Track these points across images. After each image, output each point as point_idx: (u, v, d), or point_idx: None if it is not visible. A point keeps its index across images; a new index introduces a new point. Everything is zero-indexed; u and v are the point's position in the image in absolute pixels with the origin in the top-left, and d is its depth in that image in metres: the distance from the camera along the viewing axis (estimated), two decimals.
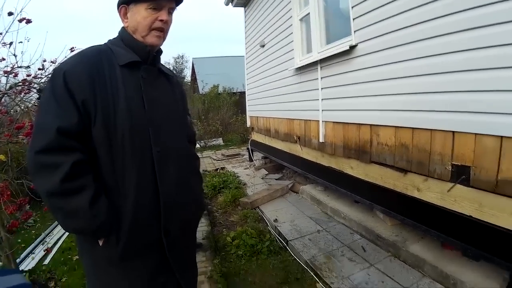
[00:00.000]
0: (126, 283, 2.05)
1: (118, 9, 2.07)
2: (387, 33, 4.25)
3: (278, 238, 5.42)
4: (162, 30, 2.08)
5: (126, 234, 1.93)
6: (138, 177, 1.94)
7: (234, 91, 23.81)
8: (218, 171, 10.27)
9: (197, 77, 31.93)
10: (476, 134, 3.29)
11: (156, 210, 2.02)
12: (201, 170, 7.89)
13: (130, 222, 1.93)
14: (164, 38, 2.14)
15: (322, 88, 5.83)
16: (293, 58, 6.81)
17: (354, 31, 4.86)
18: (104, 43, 2.11)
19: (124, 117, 1.90)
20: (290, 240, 5.17)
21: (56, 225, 6.31)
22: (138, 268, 2.05)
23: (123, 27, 2.13)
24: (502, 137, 3.05)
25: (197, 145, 16.26)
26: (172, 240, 2.12)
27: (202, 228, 5.78)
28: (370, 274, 4.16)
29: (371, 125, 4.73)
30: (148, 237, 2.03)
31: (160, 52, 2.22)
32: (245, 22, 10.38)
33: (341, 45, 5.16)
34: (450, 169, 3.60)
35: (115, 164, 1.91)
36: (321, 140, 5.99)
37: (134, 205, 1.93)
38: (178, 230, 2.16)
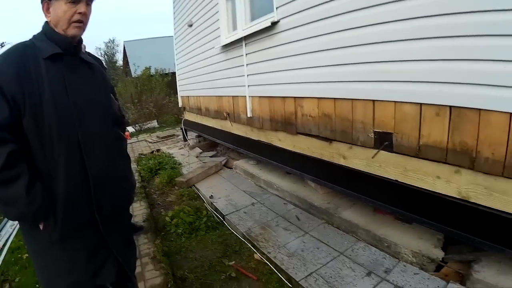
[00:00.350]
0: (67, 263, 2.12)
1: (41, 4, 2.09)
2: (306, 9, 4.20)
3: (214, 213, 5.30)
4: (82, 22, 2.11)
5: (61, 215, 2.00)
6: (67, 161, 2.01)
7: (167, 72, 23.26)
8: (153, 153, 10.00)
9: (129, 61, 30.65)
10: (396, 102, 3.35)
11: (87, 189, 2.08)
12: (137, 154, 7.68)
13: (64, 203, 2.00)
14: (84, 29, 2.16)
15: (247, 64, 5.74)
16: (220, 36, 6.64)
17: (276, 8, 4.77)
18: (29, 39, 2.13)
19: (50, 106, 1.95)
20: (227, 215, 5.07)
21: (2, 228, 5.93)
22: (77, 248, 2.12)
23: (46, 22, 2.14)
24: (421, 104, 3.11)
25: (133, 129, 15.80)
26: (105, 217, 2.18)
27: (142, 211, 5.60)
28: (305, 241, 4.14)
29: (295, 97, 4.69)
30: (82, 215, 2.09)
31: (80, 41, 2.23)
32: (173, 2, 10.00)
33: (264, 22, 5.06)
34: (373, 136, 3.66)
35: (45, 150, 1.97)
36: (249, 115, 5.91)
37: (65, 187, 2.00)
38: (110, 207, 2.21)
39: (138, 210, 5.65)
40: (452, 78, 2.83)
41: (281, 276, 3.59)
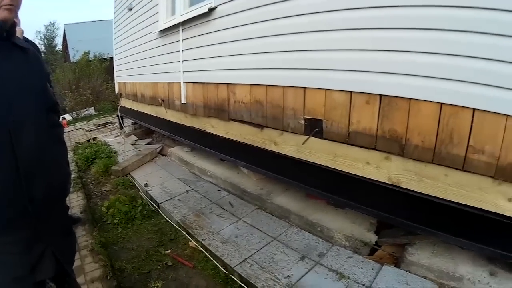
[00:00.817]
0: (4, 258, 1.88)
1: None
2: None
3: (150, 202, 5.04)
4: (12, 4, 1.83)
5: None
6: None
7: (105, 57, 21.85)
8: (90, 141, 9.43)
9: (68, 45, 28.67)
10: (326, 89, 3.28)
11: (18, 179, 1.83)
12: (74, 143, 7.16)
13: None
14: (15, 11, 1.88)
15: (183, 50, 5.49)
16: (158, 21, 6.30)
17: None
18: None
19: None
20: (161, 203, 4.81)
21: None
22: (12, 242, 1.88)
23: None
24: (351, 92, 3.06)
25: (70, 117, 14.95)
26: (37, 208, 1.92)
27: (79, 202, 5.26)
28: (239, 227, 4.01)
29: (228, 84, 4.54)
30: (14, 207, 1.85)
31: (14, 25, 1.96)
32: None
33: (202, 8, 4.81)
34: (303, 123, 3.58)
35: None
36: (183, 101, 5.68)
37: None
38: (43, 196, 1.96)
39: (75, 201, 5.28)
40: (382, 68, 2.78)
41: (216, 263, 3.45)
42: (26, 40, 3.44)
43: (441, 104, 2.47)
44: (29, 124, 1.88)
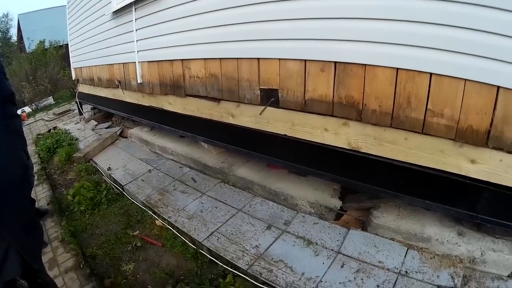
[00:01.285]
0: None
1: None
2: None
3: (114, 185, 4.82)
4: None
5: None
6: None
7: (61, 44, 20.64)
8: (50, 131, 8.97)
9: (23, 35, 27.31)
10: (280, 59, 3.16)
11: None
12: (35, 134, 6.83)
13: None
14: None
15: (137, 30, 5.21)
16: (110, 2, 5.88)
17: None
18: None
19: None
20: (125, 185, 4.60)
21: None
22: None
23: None
24: (306, 60, 2.95)
25: (29, 109, 14.25)
26: None
27: (45, 194, 5.00)
28: (204, 202, 3.90)
29: (182, 60, 4.35)
30: None
31: None
32: None
33: None
34: (259, 94, 3.47)
35: None
36: (139, 81, 5.42)
37: None
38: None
39: (41, 193, 5.01)
40: (336, 35, 2.68)
41: (184, 239, 3.36)
42: None
43: (397, 69, 2.40)
44: None
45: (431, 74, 2.25)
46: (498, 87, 2.05)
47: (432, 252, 2.63)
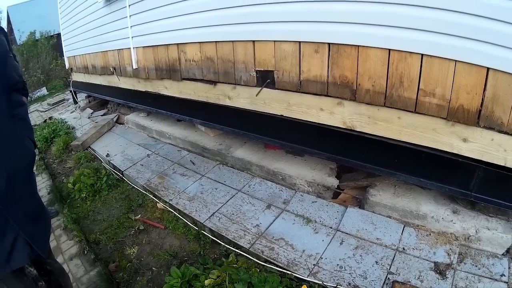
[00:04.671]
0: None
1: None
2: None
3: (113, 171, 4.87)
4: None
5: None
6: None
7: (52, 34, 20.16)
8: (46, 122, 8.93)
9: (13, 27, 27.04)
10: (275, 41, 3.17)
11: None
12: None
13: None
14: None
15: (130, 15, 5.14)
16: None
17: None
18: None
19: None
20: (125, 170, 4.66)
21: None
22: None
23: None
24: (300, 42, 2.97)
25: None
26: (2, 194, 1.78)
27: (45, 183, 5.09)
28: (203, 184, 3.96)
29: (178, 44, 4.33)
30: None
31: None
32: None
33: None
34: (255, 75, 3.48)
35: None
36: (134, 66, 5.38)
37: None
38: (6, 182, 1.80)
39: (41, 183, 5.07)
40: (329, 17, 2.69)
41: (186, 221, 3.44)
42: None
43: (389, 50, 2.43)
44: None
45: (422, 55, 2.29)
46: (488, 68, 2.08)
47: (428, 229, 2.70)
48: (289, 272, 2.54)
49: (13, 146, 1.92)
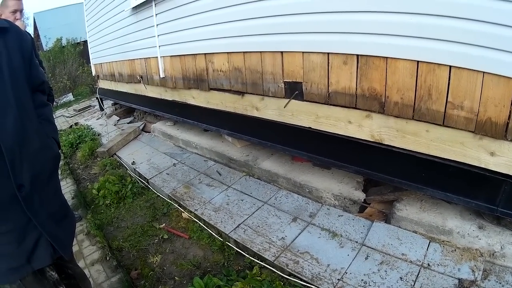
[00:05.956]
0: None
1: None
2: None
3: (138, 179, 5.01)
4: None
5: None
6: None
7: (78, 41, 20.86)
8: (72, 127, 9.26)
9: (39, 33, 27.88)
10: (303, 52, 3.24)
11: (3, 165, 1.73)
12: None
13: None
14: None
15: (157, 25, 5.35)
16: None
17: None
18: None
19: None
20: (150, 178, 4.80)
21: None
22: (5, 232, 1.81)
23: None
24: (329, 53, 3.03)
25: None
26: (27, 194, 1.82)
27: (69, 188, 5.25)
28: (229, 195, 4.04)
29: (205, 54, 4.47)
30: (3, 195, 1.76)
31: None
32: None
33: None
34: (283, 87, 3.56)
35: None
36: (162, 75, 5.58)
37: None
38: (31, 182, 1.85)
39: (66, 188, 5.22)
40: (358, 28, 2.75)
41: (211, 231, 3.51)
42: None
43: (418, 61, 2.47)
44: (11, 108, 1.81)
45: (450, 66, 2.32)
46: None
47: (453, 245, 2.71)
48: (313, 287, 2.58)
49: (38, 145, 1.97)
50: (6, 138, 1.73)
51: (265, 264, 2.91)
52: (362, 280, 2.57)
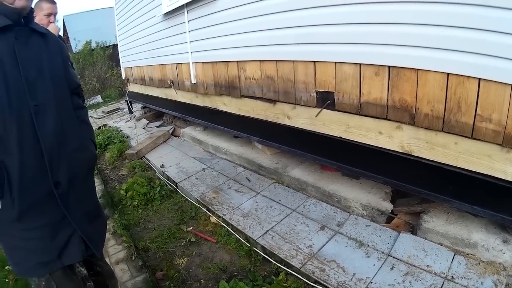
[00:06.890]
0: (31, 243, 1.94)
1: None
2: None
3: (167, 182, 5.17)
4: None
5: (17, 192, 1.79)
6: (19, 133, 1.79)
7: (107, 44, 21.74)
8: (101, 128, 9.51)
9: (69, 36, 28.54)
10: (336, 62, 3.34)
11: (42, 163, 1.86)
12: None
13: (19, 179, 1.79)
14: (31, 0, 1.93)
15: (189, 31, 5.53)
16: (161, 4, 6.25)
17: None
18: None
19: None
20: (179, 182, 4.94)
21: None
22: (39, 226, 1.92)
23: None
24: (361, 64, 3.12)
25: None
26: (63, 192, 1.95)
27: (97, 188, 5.23)
28: (258, 201, 4.14)
29: (237, 61, 4.60)
30: (40, 191, 1.88)
31: (31, 11, 1.99)
32: None
33: None
34: (315, 96, 3.65)
35: None
36: (193, 81, 5.75)
37: (19, 161, 1.79)
38: (68, 180, 1.98)
39: None
40: (390, 40, 2.84)
41: (238, 237, 3.58)
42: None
43: (448, 74, 2.53)
44: (51, 108, 1.93)
45: (479, 79, 2.37)
46: None
47: (477, 258, 2.75)
48: None
49: (76, 146, 2.10)
50: (47, 137, 1.87)
51: (291, 271, 2.98)
52: None
